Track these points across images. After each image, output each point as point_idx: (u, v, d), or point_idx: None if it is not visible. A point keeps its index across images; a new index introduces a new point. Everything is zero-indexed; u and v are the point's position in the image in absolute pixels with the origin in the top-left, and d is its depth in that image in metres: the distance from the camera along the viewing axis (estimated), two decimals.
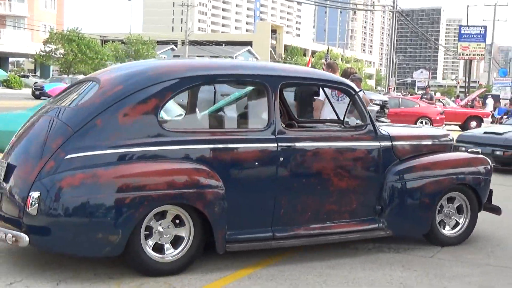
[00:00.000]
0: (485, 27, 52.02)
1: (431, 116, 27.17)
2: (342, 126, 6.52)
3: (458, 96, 52.73)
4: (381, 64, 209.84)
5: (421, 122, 27.16)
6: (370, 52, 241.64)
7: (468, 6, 58.96)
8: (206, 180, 5.45)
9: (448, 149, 7.29)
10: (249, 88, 7.08)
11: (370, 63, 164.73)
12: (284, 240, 5.94)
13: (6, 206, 5.36)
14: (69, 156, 5.18)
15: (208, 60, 7.27)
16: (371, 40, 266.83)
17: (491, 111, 36.61)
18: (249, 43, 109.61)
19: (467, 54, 50.22)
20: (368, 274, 5.77)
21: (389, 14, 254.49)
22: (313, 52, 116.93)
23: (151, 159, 5.39)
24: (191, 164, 5.48)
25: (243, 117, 6.94)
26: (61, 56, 64.61)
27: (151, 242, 5.38)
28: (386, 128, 6.86)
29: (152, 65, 6.29)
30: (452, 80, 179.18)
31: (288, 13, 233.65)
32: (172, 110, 10.92)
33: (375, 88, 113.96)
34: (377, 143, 6.47)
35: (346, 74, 12.07)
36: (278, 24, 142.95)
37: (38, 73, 70.70)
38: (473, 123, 31.00)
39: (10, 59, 77.19)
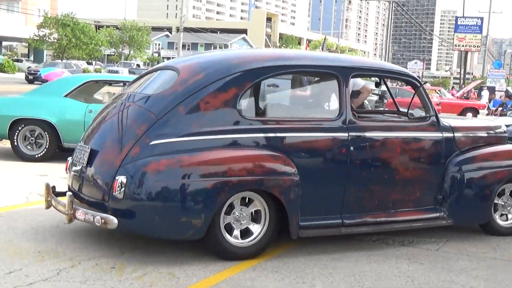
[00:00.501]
0: (482, 19, 51.86)
1: None
2: (406, 117, 6.61)
3: (453, 87, 52.70)
4: (375, 54, 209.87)
5: None
6: (365, 42, 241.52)
7: None
8: (283, 168, 5.59)
9: (503, 141, 7.39)
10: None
11: (364, 52, 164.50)
12: (353, 227, 6.10)
13: (89, 189, 5.59)
14: (153, 142, 5.35)
15: (283, 51, 7.70)
16: (365, 30, 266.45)
17: (486, 103, 36.54)
18: (244, 31, 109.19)
19: (463, 46, 50.08)
20: (375, 267, 5.66)
21: (384, 4, 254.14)
22: (308, 41, 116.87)
23: (231, 146, 5.54)
24: (269, 152, 5.62)
25: (315, 107, 7.03)
26: (55, 41, 64.13)
27: (228, 227, 5.52)
28: (447, 119, 6.96)
29: (230, 55, 6.56)
30: (446, 71, 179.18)
31: (283, 1, 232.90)
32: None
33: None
34: (440, 134, 6.61)
35: None
36: (273, 12, 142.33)
37: (31, 58, 70.13)
38: (469, 115, 30.96)
39: (4, 43, 76.57)
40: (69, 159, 6.16)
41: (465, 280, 5.44)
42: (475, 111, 31.39)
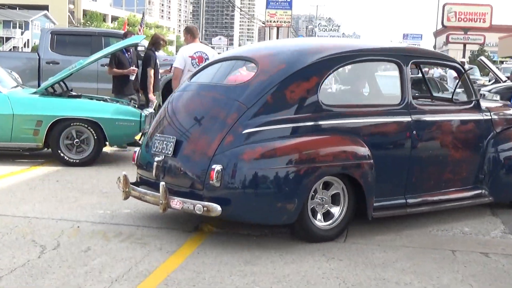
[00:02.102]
0: None
1: None
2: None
3: None
4: (179, 31, 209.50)
5: None
6: (169, 18, 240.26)
7: None
8: (362, 152, 5.84)
9: None
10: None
11: (169, 29, 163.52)
12: (416, 207, 6.42)
13: (178, 179, 5.74)
14: (246, 130, 5.52)
15: (351, 41, 8.57)
16: (169, 7, 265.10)
17: None
18: (45, 7, 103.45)
19: (274, 21, 50.89)
20: (295, 269, 5.09)
21: None
22: (114, 18, 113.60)
23: (316, 133, 5.75)
24: (349, 137, 5.87)
25: (381, 92, 7.35)
26: None
27: (312, 210, 5.73)
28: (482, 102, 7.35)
29: (305, 44, 6.97)
30: None
31: None
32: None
33: (175, 54, 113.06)
34: (481, 117, 7.01)
35: (157, 39, 11.39)
36: None
37: None
38: None
39: None
40: (137, 150, 6.46)
41: (395, 276, 5.02)
42: None
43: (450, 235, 6.29)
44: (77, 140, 9.28)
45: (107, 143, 9.58)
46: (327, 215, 5.84)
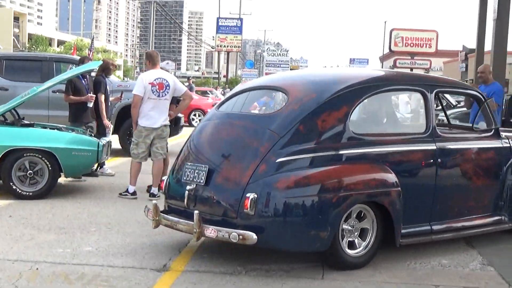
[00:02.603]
0: (241, 20, 53.21)
1: (204, 108, 26.67)
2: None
3: (217, 88, 53.38)
4: (127, 55, 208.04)
5: (195, 115, 26.69)
6: (116, 42, 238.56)
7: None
8: (390, 179, 5.91)
9: None
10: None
11: (116, 53, 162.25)
12: (440, 234, 6.48)
13: (210, 208, 5.77)
14: (279, 159, 5.60)
15: (377, 71, 8.53)
16: (116, 31, 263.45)
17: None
18: None
19: (225, 46, 50.91)
20: None
21: (134, 4, 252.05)
22: (61, 42, 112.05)
23: (346, 161, 5.86)
24: (379, 165, 5.97)
25: (408, 121, 7.57)
26: None
27: (345, 238, 5.79)
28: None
29: (335, 74, 7.12)
30: (196, 71, 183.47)
31: (28, 0, 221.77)
32: None
33: (124, 79, 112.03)
34: (501, 144, 7.12)
35: (107, 65, 11.09)
36: (19, 11, 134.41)
37: None
38: None
39: None
40: (164, 178, 6.56)
41: None
42: None
43: (429, 268, 6.07)
44: (31, 171, 8.78)
45: (62, 174, 9.10)
46: (353, 243, 5.87)
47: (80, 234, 6.87)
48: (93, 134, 10.15)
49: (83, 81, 10.68)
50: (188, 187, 5.91)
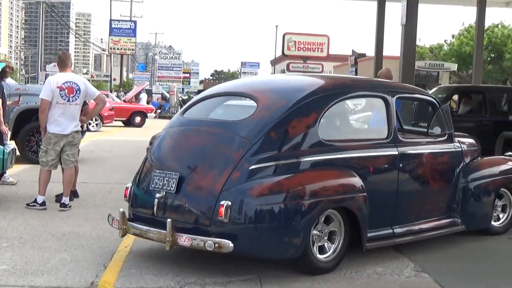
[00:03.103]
0: (135, 22, 52.22)
1: (101, 112, 25.82)
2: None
3: (111, 91, 52.15)
4: (11, 57, 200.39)
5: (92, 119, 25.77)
6: None
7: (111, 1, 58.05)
8: (358, 185, 5.97)
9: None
10: None
11: (0, 55, 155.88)
12: (402, 237, 6.59)
13: (182, 216, 5.66)
14: (252, 166, 5.58)
15: (343, 77, 8.26)
16: None
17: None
18: None
19: (118, 49, 49.78)
20: None
21: (18, 5, 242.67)
22: None
23: (316, 167, 5.91)
24: (346, 171, 6.01)
25: (369, 127, 7.48)
26: None
27: (315, 244, 5.80)
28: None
29: (303, 80, 7.10)
30: (85, 73, 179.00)
31: None
32: None
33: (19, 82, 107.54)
34: (454, 149, 7.32)
35: (3, 67, 10.70)
36: None
37: None
38: (138, 119, 30.65)
39: None
40: (129, 185, 6.31)
41: None
42: (143, 115, 31.08)
43: (365, 277, 5.96)
44: None
45: None
46: (323, 248, 5.89)
47: None
48: None
49: None
50: (157, 195, 5.78)
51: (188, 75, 76.46)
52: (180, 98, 51.87)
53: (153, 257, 6.27)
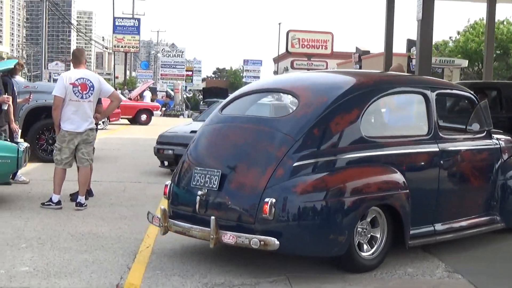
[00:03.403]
0: (139, 20, 51.95)
1: None
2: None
3: (116, 89, 51.96)
4: (13, 55, 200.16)
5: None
6: (0, 42, 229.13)
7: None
8: (400, 182, 5.89)
9: None
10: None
11: (2, 53, 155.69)
12: (443, 235, 6.47)
13: (225, 213, 5.59)
14: (296, 163, 5.50)
15: (384, 73, 8.00)
16: (1, 30, 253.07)
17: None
18: None
19: (122, 46, 49.56)
20: None
21: (19, 3, 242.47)
22: None
23: (360, 164, 5.83)
24: (389, 168, 5.94)
25: (412, 123, 7.12)
26: None
27: (357, 241, 5.69)
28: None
29: (344, 77, 6.93)
30: None
31: None
32: None
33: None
34: (492, 145, 7.21)
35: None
36: None
37: None
38: (144, 116, 30.45)
39: None
40: (168, 183, 6.27)
41: None
42: (149, 113, 30.87)
43: (396, 278, 5.78)
44: None
45: None
46: (366, 246, 5.81)
47: (10, 252, 6.13)
48: (7, 139, 9.29)
49: None
50: (199, 192, 5.73)
51: (190, 73, 76.35)
52: (185, 96, 51.74)
53: (176, 258, 6.10)
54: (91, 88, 8.38)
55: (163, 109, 41.60)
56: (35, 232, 6.96)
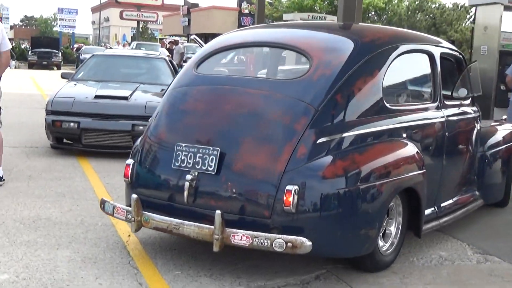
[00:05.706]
0: None
1: None
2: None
3: None
4: None
5: None
6: None
7: None
8: (421, 161, 4.93)
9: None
10: None
11: None
12: (444, 217, 5.59)
13: (228, 204, 4.27)
14: (321, 139, 4.32)
15: (398, 29, 6.48)
16: None
17: None
18: None
19: None
20: None
21: None
22: None
23: (385, 139, 4.80)
24: (412, 144, 4.94)
25: (423, 89, 5.96)
26: None
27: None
28: None
29: (360, 29, 5.96)
30: None
31: None
32: None
33: None
34: (475, 114, 6.32)
35: None
36: None
37: None
38: None
39: None
40: (129, 162, 4.80)
41: None
42: None
43: (450, 265, 5.08)
44: None
45: None
46: (384, 236, 4.83)
47: None
48: None
49: None
50: (188, 177, 4.37)
51: None
52: None
53: (180, 250, 4.96)
54: None
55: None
56: None
